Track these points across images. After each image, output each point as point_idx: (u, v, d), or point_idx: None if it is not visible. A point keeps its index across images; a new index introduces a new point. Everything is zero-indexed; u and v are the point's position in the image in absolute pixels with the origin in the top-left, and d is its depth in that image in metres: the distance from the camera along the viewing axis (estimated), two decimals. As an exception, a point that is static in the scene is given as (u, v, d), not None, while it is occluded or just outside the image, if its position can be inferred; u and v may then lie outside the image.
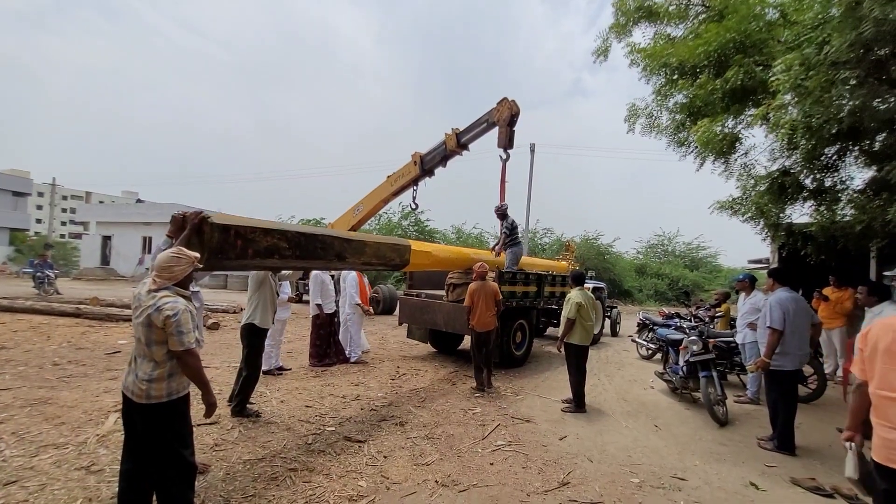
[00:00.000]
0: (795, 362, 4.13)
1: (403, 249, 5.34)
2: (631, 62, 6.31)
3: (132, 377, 2.33)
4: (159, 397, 2.29)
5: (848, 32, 3.04)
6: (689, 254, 36.52)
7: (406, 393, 5.49)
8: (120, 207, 31.01)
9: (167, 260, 2.34)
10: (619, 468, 3.71)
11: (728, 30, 4.74)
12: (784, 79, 3.56)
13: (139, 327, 2.28)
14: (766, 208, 6.03)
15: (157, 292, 2.29)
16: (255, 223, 3.39)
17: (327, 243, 4.06)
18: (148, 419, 2.31)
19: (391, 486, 3.22)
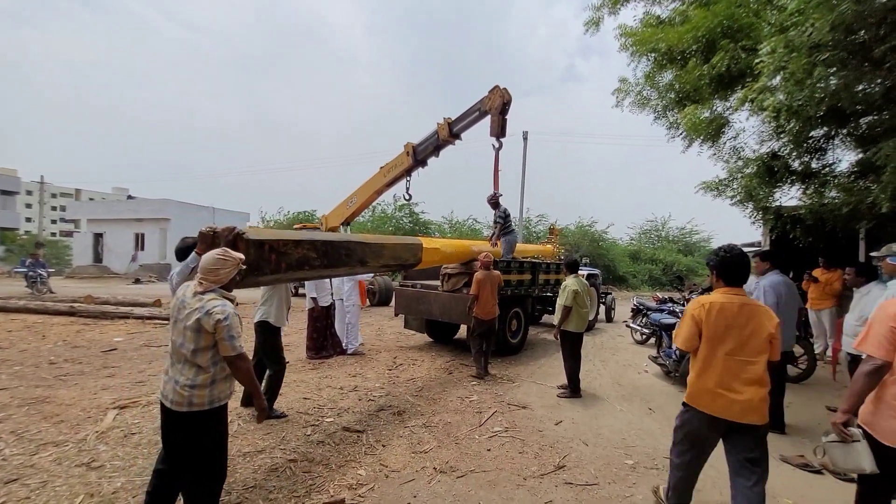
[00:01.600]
0: (784, 344, 4.21)
1: (416, 248, 5.42)
2: (621, 46, 6.30)
3: (171, 385, 2.21)
4: (201, 405, 2.19)
5: (828, 14, 3.05)
6: (682, 238, 36.77)
7: (403, 382, 5.55)
8: (111, 204, 30.70)
9: (213, 262, 2.25)
10: (614, 451, 3.79)
11: (716, 14, 4.75)
12: (768, 61, 3.57)
13: (185, 332, 2.17)
14: (754, 191, 6.09)
15: (203, 295, 2.20)
16: (285, 235, 3.36)
17: (351, 249, 4.07)
18: (188, 428, 2.22)
19: (390, 474, 3.28)
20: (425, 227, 27.78)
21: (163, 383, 2.28)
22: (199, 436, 2.24)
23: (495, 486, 3.15)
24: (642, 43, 5.72)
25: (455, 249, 6.84)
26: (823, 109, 4.82)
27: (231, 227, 2.91)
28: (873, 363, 1.98)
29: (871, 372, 1.99)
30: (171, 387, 2.21)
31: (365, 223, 28.53)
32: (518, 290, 7.40)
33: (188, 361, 2.19)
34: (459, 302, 6.87)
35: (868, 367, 2.00)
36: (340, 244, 3.93)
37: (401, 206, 27.07)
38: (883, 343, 1.96)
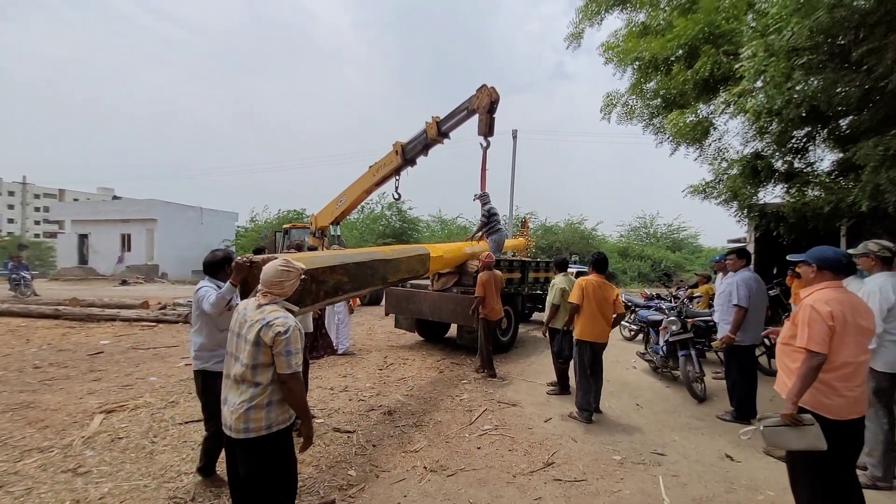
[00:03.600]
0: (753, 338, 4.36)
1: (426, 258, 5.44)
2: (606, 59, 6.38)
3: (228, 407, 2.08)
4: (258, 429, 2.03)
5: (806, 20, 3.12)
6: (670, 235, 37.19)
7: (394, 382, 5.56)
8: (96, 205, 30.20)
9: (277, 274, 2.16)
10: (602, 447, 3.85)
11: (696, 22, 4.83)
12: (749, 65, 3.65)
13: (245, 347, 2.05)
14: (739, 191, 6.19)
15: (265, 306, 2.11)
16: (320, 262, 3.27)
17: (375, 268, 4.07)
18: (247, 456, 2.08)
19: (380, 474, 3.29)
20: (414, 225, 27.74)
21: (223, 410, 2.14)
22: (264, 465, 2.10)
23: (485, 484, 3.19)
24: (627, 53, 5.81)
25: (454, 255, 6.87)
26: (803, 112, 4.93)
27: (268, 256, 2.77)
28: (819, 359, 2.21)
29: (818, 366, 2.22)
30: (227, 412, 2.08)
31: (355, 222, 28.45)
32: (507, 289, 7.43)
33: (246, 380, 2.05)
34: (449, 301, 6.90)
35: (815, 362, 2.21)
36: (367, 265, 3.91)
37: (390, 205, 27.01)
38: (825, 340, 2.20)
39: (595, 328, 4.47)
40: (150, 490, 2.93)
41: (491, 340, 5.94)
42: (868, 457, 3.21)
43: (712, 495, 3.09)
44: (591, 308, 4.45)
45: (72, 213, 27.50)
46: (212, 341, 2.89)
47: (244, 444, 2.06)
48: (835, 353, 2.22)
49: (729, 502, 3.01)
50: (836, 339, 2.20)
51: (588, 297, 4.44)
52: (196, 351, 2.93)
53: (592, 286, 4.50)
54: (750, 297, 4.28)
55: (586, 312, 4.46)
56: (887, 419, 3.14)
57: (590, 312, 4.46)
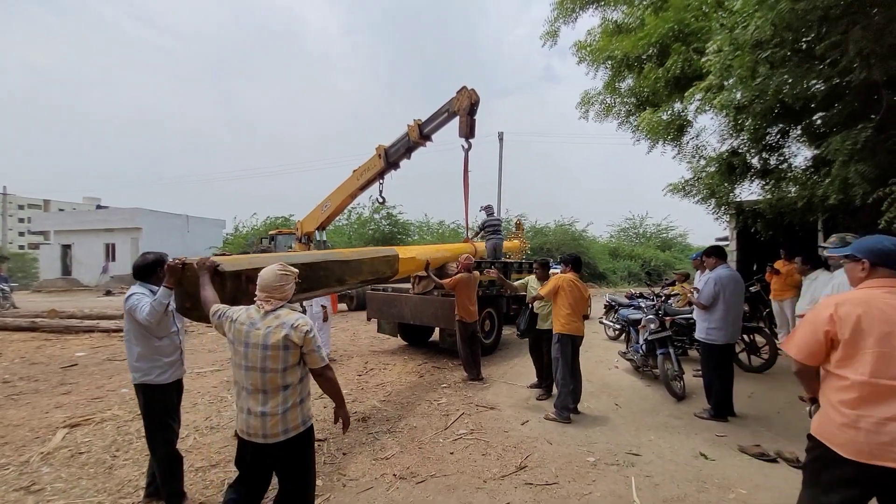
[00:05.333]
0: (728, 337, 4.34)
1: (393, 260, 5.35)
2: (579, 59, 6.39)
3: (256, 417, 2.07)
4: (296, 427, 2.12)
5: (768, 13, 3.13)
6: (659, 235, 37.53)
7: (372, 388, 5.48)
8: (79, 215, 29.78)
9: (277, 279, 2.18)
10: (577, 448, 3.79)
11: (666, 20, 4.85)
12: (715, 60, 3.65)
13: (267, 353, 2.05)
14: (716, 188, 6.21)
15: (277, 311, 2.13)
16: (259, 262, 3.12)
17: (329, 269, 3.98)
18: (288, 455, 2.14)
19: (347, 483, 3.22)
20: (404, 230, 27.66)
21: (242, 422, 2.11)
22: (300, 459, 2.19)
23: (454, 490, 3.12)
24: (600, 52, 5.82)
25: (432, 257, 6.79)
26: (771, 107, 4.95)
27: (204, 259, 2.74)
28: (797, 367, 1.94)
29: (801, 374, 1.96)
30: (258, 422, 2.07)
31: (343, 227, 28.30)
32: (490, 291, 7.39)
33: (276, 385, 2.07)
34: (430, 304, 6.84)
35: (796, 369, 1.97)
36: (319, 265, 3.83)
37: (378, 209, 26.91)
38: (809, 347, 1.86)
39: (574, 322, 4.53)
40: (106, 508, 2.82)
41: (469, 343, 5.87)
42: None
43: (684, 495, 3.04)
44: (569, 303, 4.48)
45: (55, 224, 27.08)
46: (150, 351, 2.77)
47: (284, 445, 2.10)
48: (843, 366, 1.76)
49: (699, 501, 2.97)
50: (844, 350, 1.75)
51: (565, 293, 4.48)
52: (134, 363, 2.77)
53: (569, 283, 4.50)
54: (722, 295, 4.26)
55: (566, 307, 4.50)
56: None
57: (569, 307, 4.49)
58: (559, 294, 4.49)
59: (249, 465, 2.18)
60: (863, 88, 4.33)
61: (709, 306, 4.33)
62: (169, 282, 2.67)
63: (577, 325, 4.53)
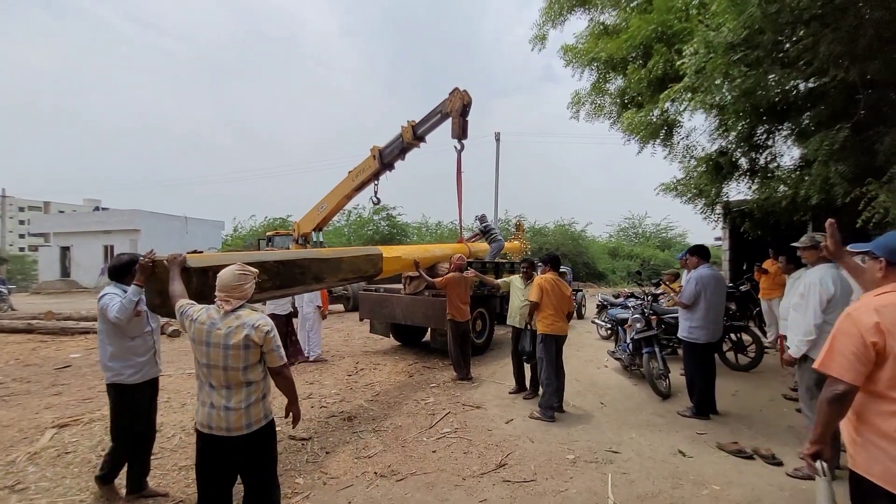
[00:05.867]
0: (709, 335, 4.36)
1: (376, 259, 5.34)
2: (566, 62, 6.44)
3: (220, 412, 2.12)
4: (259, 421, 2.19)
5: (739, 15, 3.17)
6: (658, 234, 37.58)
7: (360, 388, 5.53)
8: (78, 216, 29.90)
9: (235, 279, 2.21)
10: (559, 446, 3.83)
11: (650, 22, 4.89)
12: (690, 62, 3.69)
13: (228, 351, 2.10)
14: (704, 188, 6.25)
15: (238, 311, 2.18)
16: (230, 258, 3.19)
17: (305, 267, 3.98)
18: (250, 448, 2.20)
19: (328, 481, 3.26)
20: (402, 231, 27.74)
21: (205, 416, 2.15)
22: (264, 451, 2.27)
23: (433, 488, 3.16)
24: (585, 54, 5.87)
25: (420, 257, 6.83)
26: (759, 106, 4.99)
27: (174, 255, 2.76)
28: (839, 389, 1.54)
29: (834, 399, 1.55)
30: (220, 415, 2.12)
31: (342, 228, 28.37)
32: (481, 291, 7.43)
33: (239, 382, 2.13)
34: (421, 304, 6.88)
35: (835, 393, 1.55)
36: (294, 263, 3.85)
37: (378, 210, 27.01)
38: (853, 363, 1.52)
39: (558, 322, 4.57)
40: (87, 504, 2.87)
41: (460, 342, 5.92)
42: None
43: (658, 491, 3.08)
44: (552, 303, 4.53)
45: (54, 226, 27.17)
46: (122, 351, 2.83)
47: (247, 438, 2.16)
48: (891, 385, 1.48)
49: (673, 497, 3.01)
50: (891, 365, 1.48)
51: (548, 293, 4.53)
52: (107, 363, 2.84)
53: (550, 283, 4.56)
54: (703, 294, 4.30)
55: (549, 308, 4.54)
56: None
57: (552, 307, 4.53)
58: (542, 295, 4.56)
59: (213, 463, 2.21)
60: (843, 89, 4.38)
61: (691, 305, 4.38)
62: (139, 280, 2.73)
63: (560, 325, 4.59)
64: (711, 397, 4.49)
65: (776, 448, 3.63)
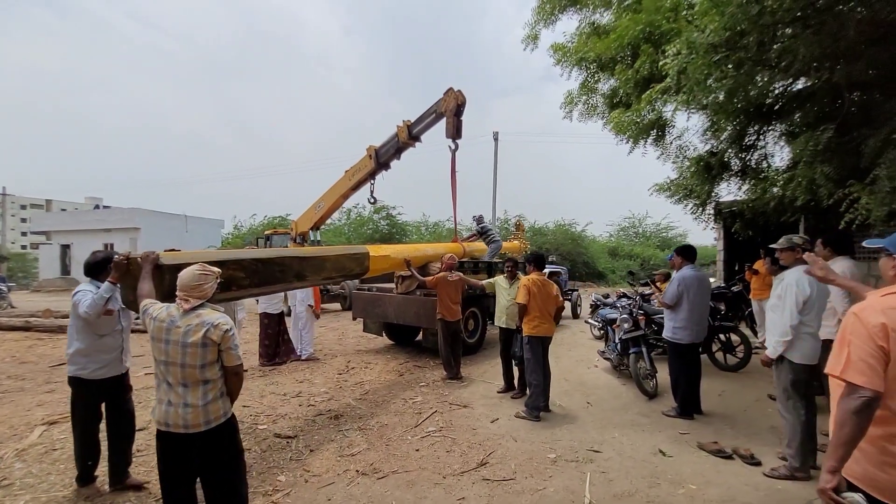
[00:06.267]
0: (693, 336, 4.37)
1: (362, 258, 5.32)
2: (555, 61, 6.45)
3: (178, 409, 2.13)
4: (218, 419, 2.19)
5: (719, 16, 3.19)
6: (658, 234, 37.50)
7: (350, 387, 5.56)
8: (78, 215, 30.03)
9: (195, 278, 2.24)
10: (541, 445, 3.86)
11: (638, 22, 4.90)
12: (672, 63, 3.71)
13: (187, 349, 2.12)
14: (695, 188, 6.26)
15: (198, 310, 2.20)
16: (206, 256, 3.23)
17: (286, 265, 3.97)
18: (210, 445, 2.19)
19: (310, 479, 3.30)
20: (402, 230, 27.80)
21: (162, 413, 2.16)
22: (225, 448, 2.26)
23: (413, 486, 3.20)
24: (573, 53, 5.88)
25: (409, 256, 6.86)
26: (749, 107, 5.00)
27: (148, 253, 2.80)
28: (863, 397, 1.39)
29: (861, 409, 1.39)
30: (178, 412, 2.13)
31: (342, 227, 28.43)
32: (473, 290, 7.46)
33: (196, 380, 2.15)
34: (413, 304, 6.91)
35: (857, 403, 1.39)
36: (273, 261, 3.86)
37: (378, 209, 27.09)
38: (874, 367, 1.39)
39: (544, 323, 4.59)
40: (67, 501, 2.92)
41: (450, 342, 5.95)
42: (787, 448, 3.25)
43: (635, 490, 3.11)
44: (538, 304, 4.55)
45: (54, 224, 27.31)
46: (89, 347, 2.90)
47: (206, 435, 2.16)
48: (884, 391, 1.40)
49: (649, 496, 3.03)
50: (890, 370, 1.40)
51: (534, 295, 4.54)
52: (72, 356, 2.91)
53: (536, 284, 4.57)
54: (686, 295, 4.32)
55: (534, 310, 4.56)
56: (805, 409, 3.19)
57: (538, 309, 4.55)
58: (529, 296, 4.55)
59: (173, 460, 2.22)
60: (829, 90, 4.39)
61: (673, 306, 4.39)
62: (113, 277, 2.78)
63: (546, 326, 4.61)
64: (696, 397, 4.51)
65: (756, 448, 3.65)
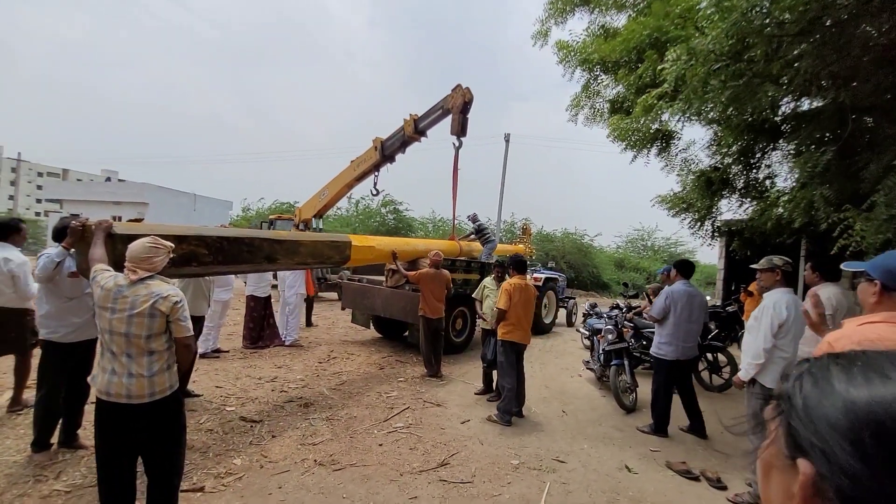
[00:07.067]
0: (677, 353, 4.25)
1: (343, 246, 5.22)
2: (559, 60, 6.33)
3: (122, 379, 2.11)
4: (163, 391, 2.18)
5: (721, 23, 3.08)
6: (667, 249, 37.04)
7: (327, 376, 5.53)
8: (90, 185, 30.43)
9: (145, 251, 2.23)
10: (506, 451, 3.80)
11: (644, 26, 4.78)
12: (670, 69, 3.60)
13: (132, 320, 2.10)
14: (693, 202, 6.14)
15: (146, 281, 2.18)
16: (166, 230, 3.16)
17: (255, 246, 3.91)
18: (154, 417, 2.17)
19: (266, 465, 3.27)
20: (408, 225, 27.82)
21: (104, 383, 2.13)
22: (169, 421, 2.24)
23: (368, 481, 3.15)
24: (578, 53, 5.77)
25: (396, 248, 6.80)
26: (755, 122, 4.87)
27: (102, 220, 2.77)
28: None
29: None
30: (122, 381, 2.11)
31: (349, 218, 28.50)
32: (464, 289, 7.40)
33: (141, 350, 2.13)
34: (401, 298, 6.86)
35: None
36: (241, 240, 3.81)
37: (385, 203, 27.13)
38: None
39: (521, 329, 4.51)
40: (19, 466, 2.92)
41: (431, 339, 5.89)
42: (752, 473, 3.15)
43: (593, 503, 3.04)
44: (518, 310, 4.46)
45: (67, 193, 27.71)
46: (58, 310, 2.95)
47: (150, 407, 2.14)
48: None
49: (605, 513, 2.96)
50: None
51: (514, 301, 4.45)
52: (43, 319, 2.98)
53: (518, 289, 4.49)
54: (673, 310, 4.22)
55: (514, 314, 4.47)
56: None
57: (517, 314, 4.47)
58: (511, 301, 4.46)
59: (112, 430, 2.17)
60: (835, 111, 4.26)
61: (661, 319, 4.29)
62: (67, 242, 2.82)
63: (521, 333, 4.50)
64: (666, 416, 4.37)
65: (725, 472, 3.55)
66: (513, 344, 4.49)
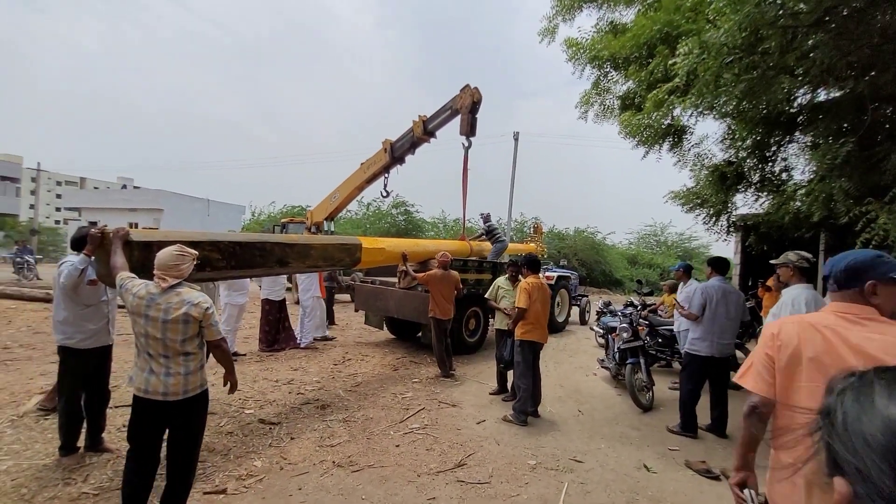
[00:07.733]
0: (711, 349, 4.18)
1: (354, 248, 5.28)
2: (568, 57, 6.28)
3: (160, 378, 2.28)
4: (195, 389, 2.38)
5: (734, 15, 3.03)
6: (681, 244, 36.56)
7: (343, 378, 5.58)
8: (107, 193, 31.10)
9: (172, 258, 2.36)
10: (523, 451, 3.79)
11: (655, 21, 4.73)
12: (682, 63, 3.55)
13: (168, 325, 2.25)
14: (708, 197, 6.06)
15: (176, 289, 2.33)
16: (180, 236, 3.25)
17: (267, 250, 3.98)
18: (185, 413, 2.37)
19: (285, 467, 3.31)
20: (418, 227, 27.90)
21: (143, 381, 2.30)
22: (196, 417, 2.46)
23: (386, 482, 3.17)
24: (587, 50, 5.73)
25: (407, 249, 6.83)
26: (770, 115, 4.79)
27: (119, 228, 2.87)
28: (752, 401, 1.49)
29: (748, 413, 1.51)
30: (160, 379, 2.28)
31: (360, 220, 28.66)
32: (476, 289, 7.39)
33: (177, 352, 2.30)
34: (413, 299, 6.89)
35: (745, 407, 1.52)
36: (253, 245, 3.87)
37: (396, 204, 27.24)
38: (762, 374, 1.47)
39: (540, 328, 4.53)
40: (48, 469, 2.99)
41: (443, 340, 5.90)
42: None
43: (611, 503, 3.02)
44: (536, 309, 4.47)
45: (85, 201, 28.34)
46: (75, 316, 3.02)
47: (184, 404, 2.34)
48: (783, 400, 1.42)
49: (625, 513, 2.94)
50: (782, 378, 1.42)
51: (533, 299, 4.46)
52: (60, 325, 3.05)
53: (535, 287, 4.49)
54: (708, 306, 4.18)
55: (533, 313, 4.48)
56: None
57: (535, 313, 4.48)
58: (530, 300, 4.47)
59: (146, 425, 2.35)
60: (854, 101, 4.17)
61: (700, 316, 4.24)
62: (88, 250, 2.88)
63: (540, 331, 4.52)
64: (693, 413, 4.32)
65: (747, 471, 3.50)
66: (531, 343, 4.50)
